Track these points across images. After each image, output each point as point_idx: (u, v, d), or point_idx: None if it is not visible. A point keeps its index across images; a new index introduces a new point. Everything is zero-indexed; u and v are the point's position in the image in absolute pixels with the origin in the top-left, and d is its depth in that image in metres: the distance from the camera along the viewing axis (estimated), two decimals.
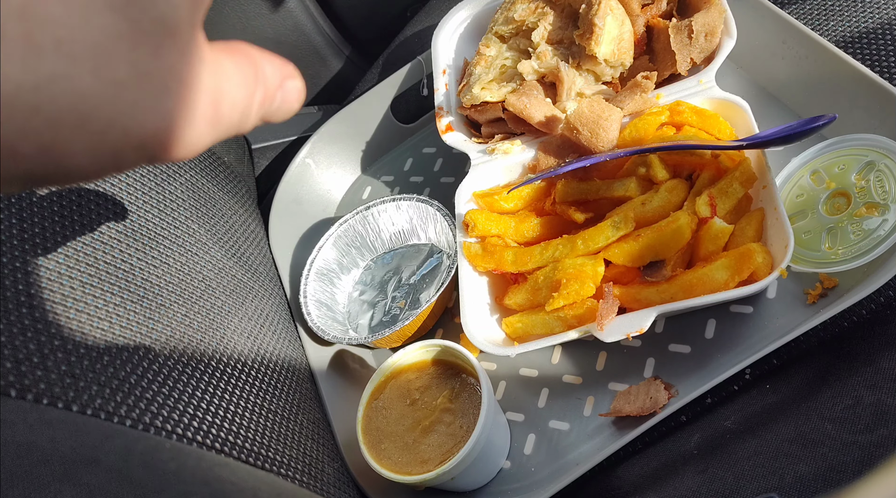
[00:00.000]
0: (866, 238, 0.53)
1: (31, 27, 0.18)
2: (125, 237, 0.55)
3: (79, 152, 0.21)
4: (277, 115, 0.27)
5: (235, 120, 0.25)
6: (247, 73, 0.25)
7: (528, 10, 0.69)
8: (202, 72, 0.23)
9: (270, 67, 0.26)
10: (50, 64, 0.19)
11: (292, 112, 0.28)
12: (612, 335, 0.53)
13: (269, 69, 0.26)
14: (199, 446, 0.47)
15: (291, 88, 0.27)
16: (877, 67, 0.60)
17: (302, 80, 0.28)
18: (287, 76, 0.27)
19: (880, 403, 0.45)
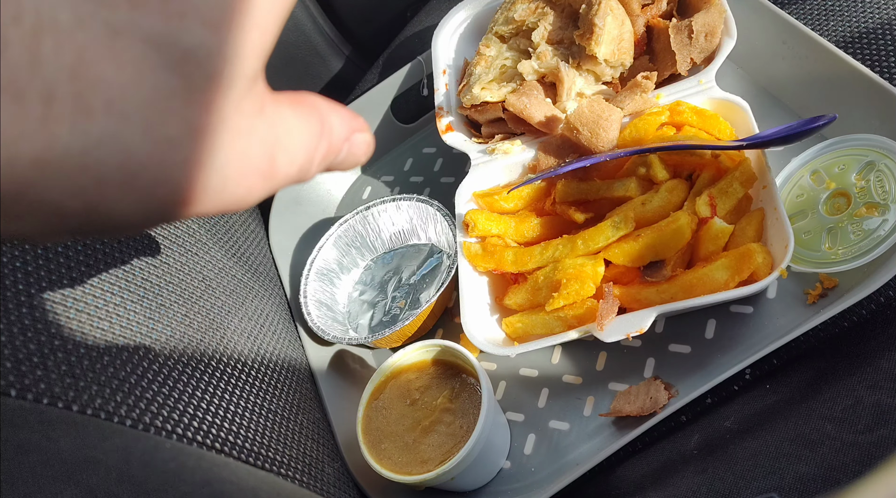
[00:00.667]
0: (866, 238, 0.53)
1: (82, 89, 0.18)
2: (125, 237, 0.55)
3: (126, 209, 0.20)
4: (342, 166, 0.26)
5: (293, 173, 0.24)
6: (311, 126, 0.24)
7: (528, 10, 0.69)
8: (259, 126, 0.22)
9: (338, 120, 0.25)
10: (100, 125, 0.18)
11: (358, 164, 0.27)
12: (612, 335, 0.53)
13: (337, 122, 0.25)
14: (199, 446, 0.47)
15: (359, 142, 0.26)
16: (877, 67, 0.60)
17: (371, 134, 0.27)
18: (355, 129, 0.26)
19: (880, 403, 0.45)
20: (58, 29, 0.17)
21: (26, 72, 0.17)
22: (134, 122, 0.19)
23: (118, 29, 0.18)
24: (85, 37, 0.17)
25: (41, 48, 0.17)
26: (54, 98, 0.17)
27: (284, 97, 0.24)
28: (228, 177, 0.22)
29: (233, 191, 0.22)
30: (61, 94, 0.18)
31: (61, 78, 0.17)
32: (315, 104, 0.25)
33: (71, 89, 0.18)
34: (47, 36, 0.17)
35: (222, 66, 0.20)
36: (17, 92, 0.17)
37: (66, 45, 0.17)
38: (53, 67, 0.17)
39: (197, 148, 0.20)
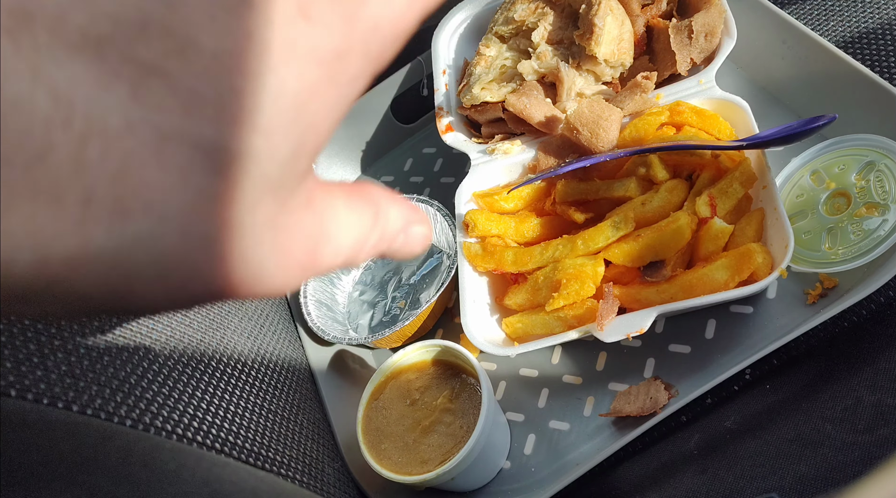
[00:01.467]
0: (866, 238, 0.53)
1: (123, 192, 0.17)
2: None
3: (154, 299, 0.20)
4: (395, 255, 0.25)
5: (338, 263, 0.23)
6: (363, 217, 0.23)
7: (528, 11, 0.69)
8: (306, 220, 0.21)
9: (395, 212, 0.24)
10: (137, 226, 0.18)
11: (413, 256, 0.26)
12: (612, 335, 0.53)
13: (394, 214, 0.24)
14: (199, 446, 0.47)
15: (416, 234, 0.25)
16: (877, 67, 0.60)
17: (430, 226, 0.26)
18: (413, 222, 0.25)
19: (880, 404, 0.45)
20: (106, 134, 0.17)
21: (69, 176, 0.17)
22: (172, 223, 0.18)
23: (168, 134, 0.17)
24: (133, 142, 0.17)
25: (87, 153, 0.17)
26: (93, 201, 0.17)
27: (338, 189, 0.23)
28: (265, 270, 0.21)
29: (269, 283, 0.21)
30: (101, 197, 0.17)
31: (102, 182, 0.17)
32: (371, 195, 0.24)
33: (112, 193, 0.17)
34: (95, 141, 0.17)
35: (273, 169, 0.19)
36: (57, 195, 0.17)
37: (112, 151, 0.17)
38: (96, 173, 0.17)
39: (236, 246, 0.20)
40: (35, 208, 0.16)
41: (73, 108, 0.16)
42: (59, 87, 0.16)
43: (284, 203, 0.20)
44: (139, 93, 0.17)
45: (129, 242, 0.18)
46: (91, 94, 0.16)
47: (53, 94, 0.16)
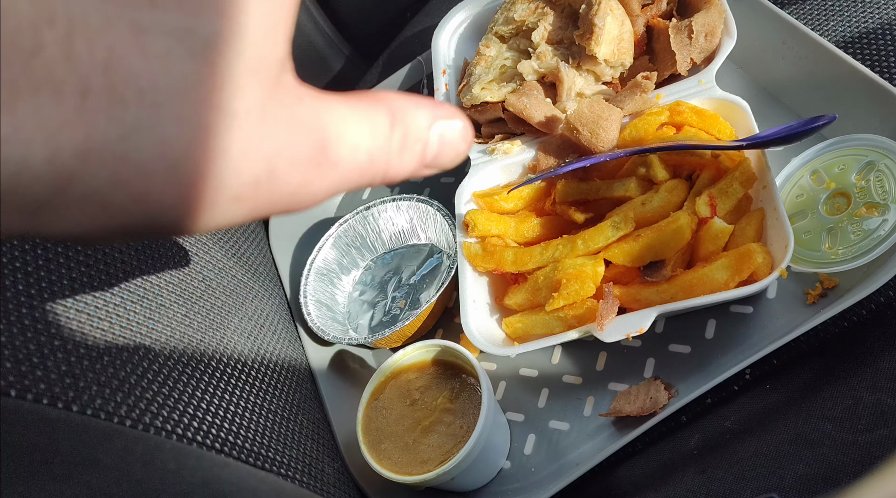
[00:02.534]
0: (866, 238, 0.53)
1: (114, 81, 0.19)
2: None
3: (174, 202, 0.20)
4: (442, 159, 0.25)
5: (362, 161, 0.23)
6: (375, 116, 0.23)
7: (528, 11, 0.69)
8: (298, 113, 0.22)
9: (414, 109, 0.24)
10: (134, 114, 0.19)
11: (459, 154, 0.25)
12: (612, 335, 0.53)
13: (413, 110, 0.24)
14: (199, 446, 0.47)
15: (450, 128, 0.24)
16: (877, 67, 0.60)
17: (466, 119, 0.25)
18: (440, 117, 0.24)
19: (880, 403, 0.45)
20: (88, 29, 0.18)
21: (63, 69, 0.18)
22: (166, 110, 0.19)
23: (142, 26, 0.19)
24: (113, 35, 0.19)
25: (75, 47, 0.18)
26: (90, 90, 0.19)
27: (334, 94, 0.23)
28: (276, 166, 0.21)
29: (285, 181, 0.22)
30: (96, 87, 0.19)
31: (95, 73, 0.19)
32: (381, 97, 0.24)
33: (104, 82, 0.19)
34: (79, 36, 0.18)
35: (242, 47, 0.20)
36: (56, 87, 0.18)
37: (97, 43, 0.18)
38: (87, 64, 0.18)
39: (235, 135, 0.20)
40: (38, 101, 0.18)
41: (53, 8, 0.18)
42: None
43: (271, 90, 0.21)
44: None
45: (130, 130, 0.19)
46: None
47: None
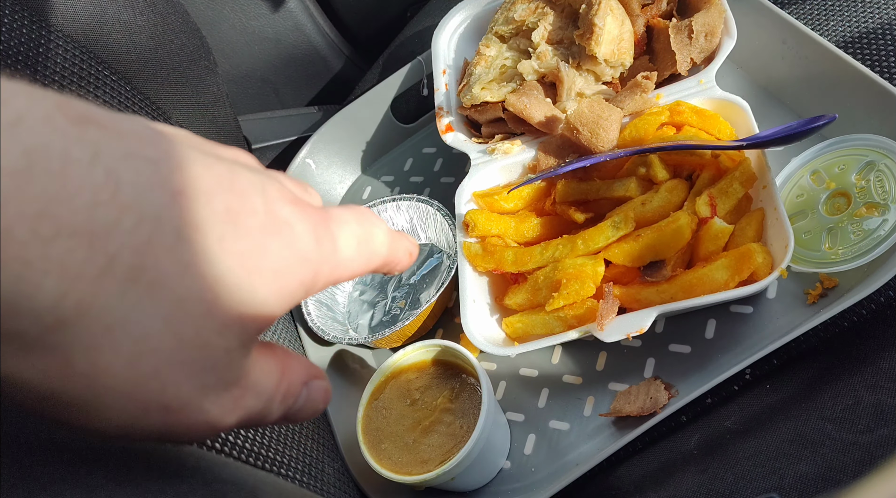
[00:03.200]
0: (866, 238, 0.53)
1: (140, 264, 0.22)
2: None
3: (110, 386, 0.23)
4: (300, 414, 0.29)
5: (257, 410, 0.27)
6: (271, 368, 0.27)
7: (528, 10, 0.69)
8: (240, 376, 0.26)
9: (297, 364, 0.29)
10: (136, 298, 0.22)
11: (316, 413, 0.30)
12: (612, 335, 0.53)
13: (296, 366, 0.29)
14: (200, 446, 0.47)
15: (316, 387, 0.29)
16: (877, 67, 0.60)
17: (328, 383, 0.30)
18: (313, 376, 0.29)
19: (880, 403, 0.45)
20: (142, 214, 0.22)
21: (105, 230, 0.21)
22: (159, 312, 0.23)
23: (184, 238, 0.23)
24: (158, 231, 0.22)
25: (123, 220, 0.21)
26: (117, 259, 0.21)
27: (259, 345, 0.27)
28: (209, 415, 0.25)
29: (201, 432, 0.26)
30: (123, 259, 0.21)
31: (128, 247, 0.21)
32: (276, 351, 0.28)
33: (131, 260, 0.22)
34: (132, 214, 0.22)
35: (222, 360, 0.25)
36: (92, 240, 0.21)
37: (142, 228, 0.22)
38: (125, 237, 0.21)
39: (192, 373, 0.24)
40: (73, 245, 0.20)
41: (120, 185, 0.21)
42: (115, 168, 0.22)
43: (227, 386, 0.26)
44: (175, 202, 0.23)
45: (126, 312, 0.22)
46: (138, 182, 0.22)
47: (108, 171, 0.21)
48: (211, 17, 1.05)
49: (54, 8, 0.63)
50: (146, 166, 0.22)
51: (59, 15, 0.63)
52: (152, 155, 0.23)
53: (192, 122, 0.79)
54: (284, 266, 0.26)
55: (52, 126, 0.20)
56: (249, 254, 0.24)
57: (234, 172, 0.25)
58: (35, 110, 0.20)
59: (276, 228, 0.26)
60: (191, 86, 0.79)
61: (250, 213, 0.25)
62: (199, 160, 0.24)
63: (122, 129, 0.22)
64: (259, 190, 0.26)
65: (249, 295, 0.24)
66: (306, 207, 0.27)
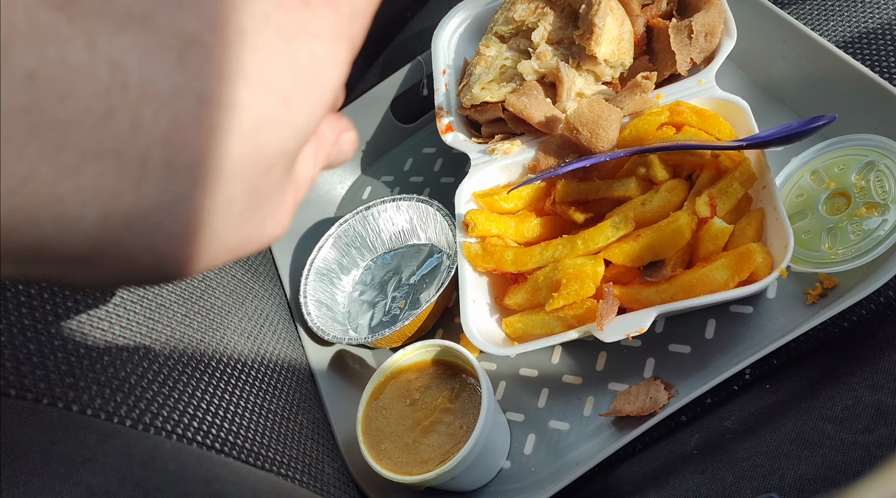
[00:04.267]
0: (866, 238, 0.53)
1: (171, 153, 0.20)
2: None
3: (180, 259, 0.22)
4: (334, 163, 0.29)
5: (303, 193, 0.27)
6: (308, 150, 0.27)
7: (528, 10, 0.69)
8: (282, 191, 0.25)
9: (325, 126, 0.28)
10: (180, 186, 0.20)
11: (347, 159, 0.30)
12: (612, 335, 0.53)
13: (325, 127, 0.28)
14: (199, 446, 0.47)
15: (346, 140, 0.29)
16: (877, 67, 0.60)
17: (355, 131, 0.30)
18: (341, 130, 0.29)
19: (880, 403, 0.45)
20: (158, 98, 0.19)
21: (128, 136, 0.19)
22: (205, 187, 0.21)
23: (207, 99, 0.20)
24: (179, 106, 0.19)
25: (142, 115, 0.19)
26: (148, 160, 0.19)
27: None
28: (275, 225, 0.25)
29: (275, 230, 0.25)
30: (154, 157, 0.19)
31: (155, 142, 0.19)
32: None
33: (162, 153, 0.20)
34: (148, 104, 0.19)
35: (286, 147, 0.23)
36: (119, 154, 0.19)
37: (163, 113, 0.19)
38: (149, 133, 0.19)
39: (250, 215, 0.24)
40: (102, 166, 0.19)
41: (128, 74, 0.19)
42: (115, 57, 0.18)
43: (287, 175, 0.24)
44: (183, 61, 0.19)
45: (173, 201, 0.21)
46: (142, 62, 0.19)
47: (110, 63, 0.18)
48: None
49: None
50: (141, 37, 0.19)
51: None
52: (139, 10, 0.19)
53: None
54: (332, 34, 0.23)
55: (42, 28, 0.17)
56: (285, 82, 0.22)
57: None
58: (16, 14, 0.17)
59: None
60: None
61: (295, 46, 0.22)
62: None
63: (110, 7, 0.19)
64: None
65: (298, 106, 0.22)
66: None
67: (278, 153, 0.22)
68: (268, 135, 0.21)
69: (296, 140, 0.23)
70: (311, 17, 0.22)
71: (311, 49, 0.22)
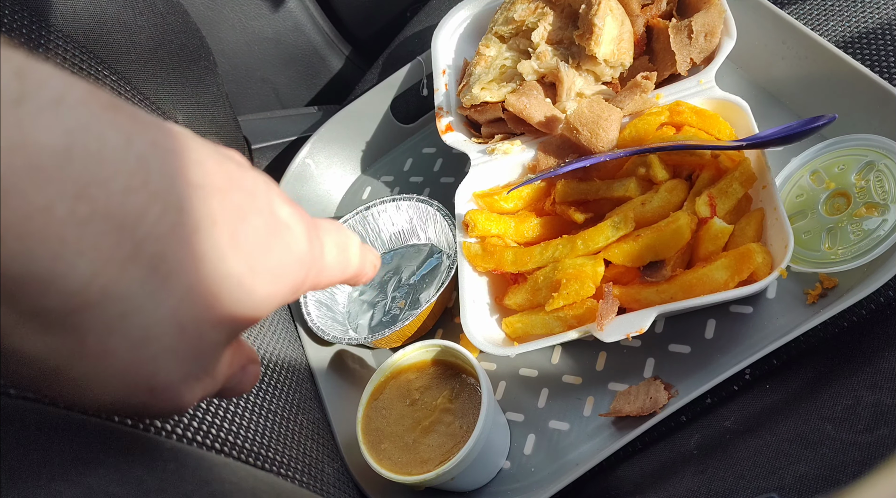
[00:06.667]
0: (866, 238, 0.53)
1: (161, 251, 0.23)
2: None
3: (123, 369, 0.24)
4: (231, 393, 0.31)
5: (211, 393, 0.29)
6: (227, 356, 0.29)
7: (528, 11, 0.69)
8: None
9: (239, 349, 0.31)
10: (153, 286, 0.23)
11: (244, 392, 0.32)
12: (612, 335, 0.53)
13: (239, 351, 0.31)
14: (199, 446, 0.47)
15: (250, 371, 0.31)
16: (877, 67, 0.60)
17: (259, 366, 0.34)
18: (250, 360, 0.31)
19: (880, 403, 0.45)
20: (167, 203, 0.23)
21: (134, 216, 0.22)
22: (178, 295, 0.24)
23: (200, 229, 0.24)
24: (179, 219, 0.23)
25: (151, 208, 0.22)
26: (142, 246, 0.22)
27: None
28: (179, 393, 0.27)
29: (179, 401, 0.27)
30: (147, 248, 0.23)
31: (152, 236, 0.22)
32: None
33: (155, 248, 0.23)
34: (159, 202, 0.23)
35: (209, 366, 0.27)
36: (122, 226, 0.22)
37: (166, 218, 0.23)
38: (152, 225, 0.22)
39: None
40: (106, 228, 0.21)
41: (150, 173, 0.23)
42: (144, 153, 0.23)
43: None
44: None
45: (150, 292, 0.23)
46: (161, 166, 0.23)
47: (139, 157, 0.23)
48: (211, 17, 1.05)
49: (54, 8, 0.63)
50: (171, 157, 0.23)
51: (59, 15, 0.63)
52: (174, 147, 0.23)
53: (192, 122, 0.79)
54: (282, 267, 0.27)
55: (88, 109, 0.21)
56: (254, 253, 0.25)
57: (242, 171, 0.26)
58: (72, 93, 0.21)
59: (278, 229, 0.27)
60: (191, 86, 0.79)
61: (257, 211, 0.26)
62: (213, 156, 0.25)
63: (145, 119, 0.23)
64: (263, 189, 0.27)
65: (248, 295, 0.25)
66: (300, 210, 0.29)
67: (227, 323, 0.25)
68: (226, 303, 0.25)
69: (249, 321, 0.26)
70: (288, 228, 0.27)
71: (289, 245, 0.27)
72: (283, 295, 0.27)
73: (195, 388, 0.26)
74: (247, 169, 0.27)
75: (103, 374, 0.23)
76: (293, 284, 0.27)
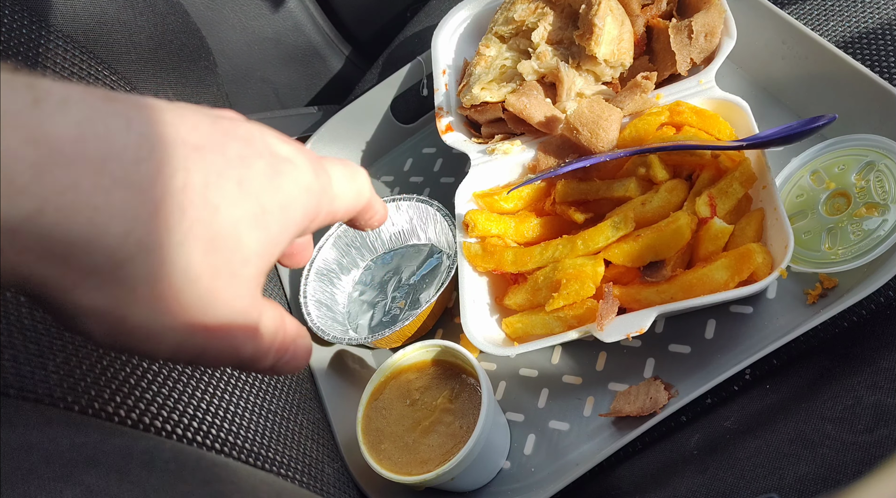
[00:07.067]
0: (866, 238, 0.53)
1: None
2: None
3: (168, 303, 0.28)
4: (287, 366, 0.33)
5: (262, 351, 0.31)
6: (275, 317, 0.32)
7: (528, 11, 0.69)
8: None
9: (291, 322, 0.33)
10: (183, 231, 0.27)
11: (299, 367, 0.34)
12: (612, 335, 0.53)
13: (290, 323, 0.33)
14: (199, 446, 0.47)
15: (302, 345, 0.34)
16: (877, 67, 0.60)
17: (311, 342, 0.35)
18: (302, 335, 0.34)
19: (880, 403, 0.45)
20: (172, 164, 0.27)
21: (150, 179, 0.26)
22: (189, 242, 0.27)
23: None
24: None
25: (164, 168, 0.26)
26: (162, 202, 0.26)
27: (267, 300, 0.32)
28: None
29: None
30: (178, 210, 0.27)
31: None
32: (277, 307, 0.33)
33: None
34: (167, 163, 0.26)
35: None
36: (142, 189, 0.25)
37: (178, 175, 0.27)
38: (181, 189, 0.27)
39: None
40: (129, 195, 0.25)
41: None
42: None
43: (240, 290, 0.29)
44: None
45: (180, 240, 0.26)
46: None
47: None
48: (211, 17, 1.05)
49: (54, 8, 0.63)
50: (169, 128, 0.27)
51: (59, 15, 0.63)
52: (170, 119, 0.27)
53: None
54: (291, 199, 0.30)
55: (89, 103, 0.25)
56: (262, 194, 0.29)
57: (235, 124, 0.30)
58: (74, 93, 0.25)
59: (281, 166, 0.30)
60: (191, 86, 0.79)
61: (257, 155, 0.29)
62: (205, 119, 0.29)
63: (140, 103, 0.27)
64: (258, 135, 0.30)
65: (265, 232, 0.29)
66: (301, 146, 0.32)
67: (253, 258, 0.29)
68: (248, 240, 0.28)
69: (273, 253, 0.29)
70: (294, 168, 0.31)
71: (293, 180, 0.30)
72: (298, 225, 0.30)
73: (245, 334, 0.29)
74: (240, 121, 0.30)
75: (162, 317, 0.26)
76: (305, 214, 0.31)
